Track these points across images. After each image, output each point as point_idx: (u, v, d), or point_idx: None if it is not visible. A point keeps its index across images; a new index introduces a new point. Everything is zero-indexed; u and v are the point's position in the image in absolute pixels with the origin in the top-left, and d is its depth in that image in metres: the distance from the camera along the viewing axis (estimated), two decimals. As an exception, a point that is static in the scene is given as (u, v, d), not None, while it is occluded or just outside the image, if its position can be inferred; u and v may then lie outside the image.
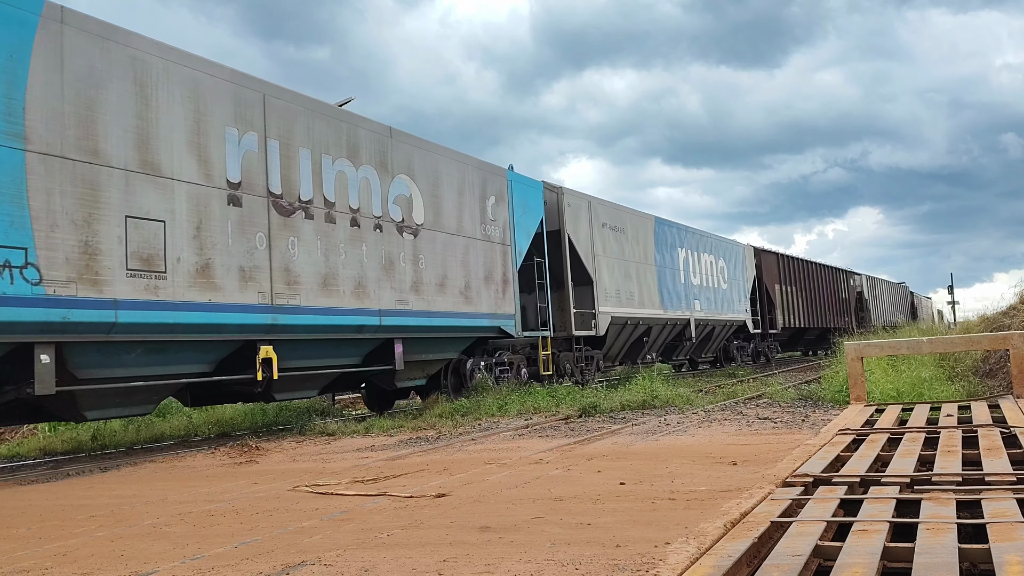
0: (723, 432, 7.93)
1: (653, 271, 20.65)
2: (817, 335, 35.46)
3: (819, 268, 34.50)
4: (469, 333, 13.83)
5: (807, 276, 32.55)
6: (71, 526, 5.01)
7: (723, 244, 26.25)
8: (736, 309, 25.81)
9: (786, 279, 30.17)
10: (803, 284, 31.72)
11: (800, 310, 31.11)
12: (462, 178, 13.98)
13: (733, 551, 2.94)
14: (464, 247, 13.74)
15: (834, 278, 36.14)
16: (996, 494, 3.71)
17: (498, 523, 4.23)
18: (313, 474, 6.79)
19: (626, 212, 20.22)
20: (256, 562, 3.71)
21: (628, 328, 19.19)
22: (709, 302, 23.88)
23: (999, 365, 10.78)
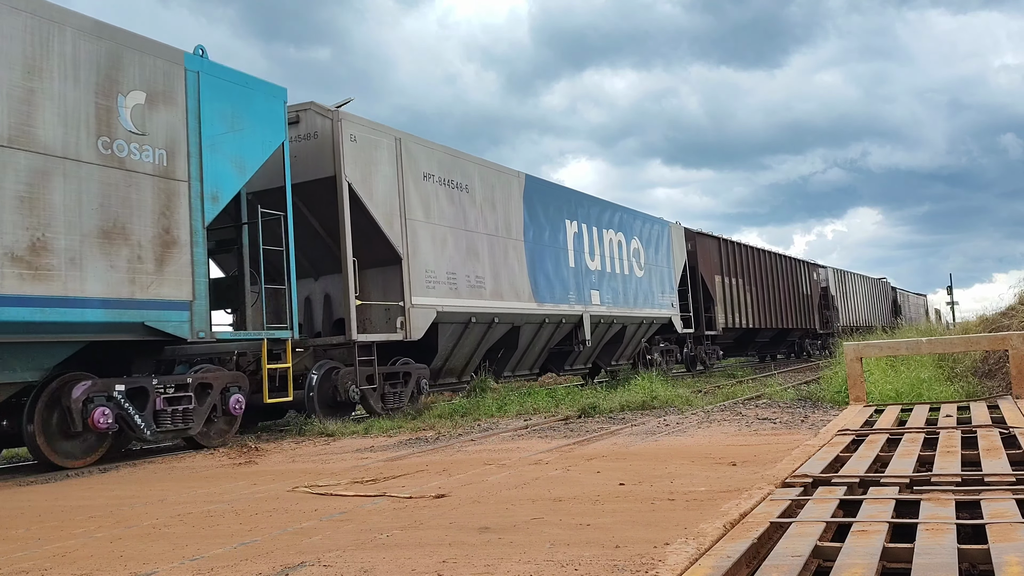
0: (722, 433, 7.94)
1: (520, 249, 15.16)
2: (772, 337, 30.88)
3: (773, 258, 29.70)
4: (61, 336, 8.04)
5: (758, 267, 27.73)
6: (70, 527, 5.01)
7: (638, 221, 20.64)
8: (657, 303, 20.89)
9: (730, 270, 25.22)
10: (753, 277, 26.96)
11: (748, 308, 26.23)
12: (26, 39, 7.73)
13: (732, 552, 2.94)
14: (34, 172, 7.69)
15: (793, 270, 31.44)
16: (995, 495, 3.71)
17: (497, 524, 4.23)
18: (312, 475, 6.79)
19: (472, 163, 14.36)
20: (255, 563, 3.71)
21: (475, 328, 13.79)
22: (615, 294, 18.77)
23: (998, 366, 10.79)
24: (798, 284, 31.89)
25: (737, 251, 26.59)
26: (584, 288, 17.44)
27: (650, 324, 20.69)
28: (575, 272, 17.20)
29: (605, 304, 18.23)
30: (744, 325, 25.86)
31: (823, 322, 34.69)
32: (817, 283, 34.79)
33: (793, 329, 31.10)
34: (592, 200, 18.74)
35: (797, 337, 33.19)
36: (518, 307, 14.92)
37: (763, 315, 27.52)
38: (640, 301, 20.06)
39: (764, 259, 28.71)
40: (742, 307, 25.77)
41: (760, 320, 27.21)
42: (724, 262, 25.10)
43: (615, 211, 19.70)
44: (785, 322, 29.66)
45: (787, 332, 31.24)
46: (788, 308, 30.25)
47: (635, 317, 19.63)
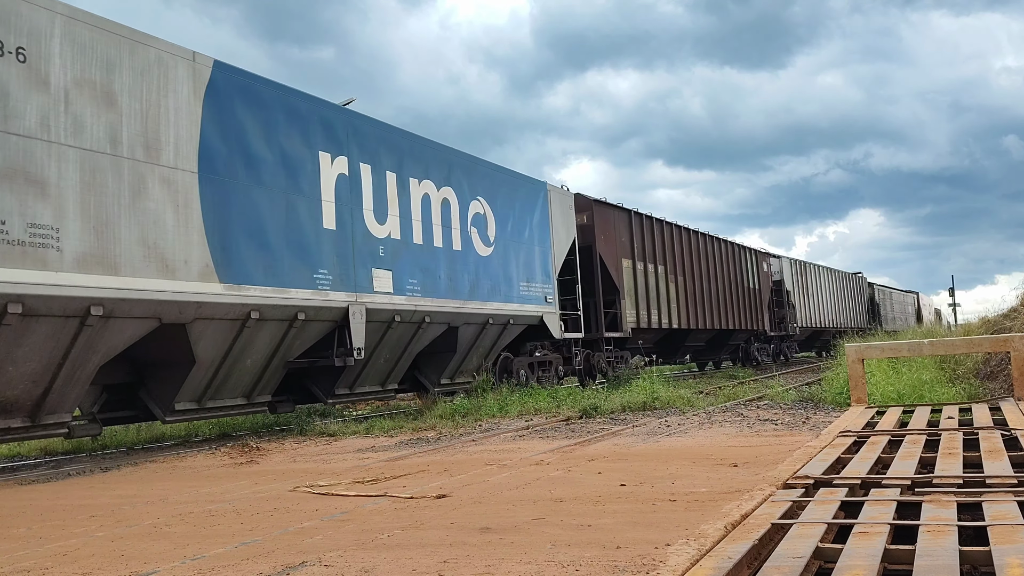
0: (724, 434, 7.93)
1: (190, 187, 9.02)
2: (709, 341, 24.86)
3: (709, 242, 23.73)
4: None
5: (688, 252, 22.26)
6: (71, 526, 5.01)
7: (487, 176, 14.50)
8: (520, 296, 14.96)
9: (646, 253, 19.96)
10: (680, 264, 21.60)
11: (674, 303, 20.90)
12: None
13: (734, 553, 2.94)
14: None
15: (735, 259, 25.61)
16: (997, 496, 3.71)
17: (498, 524, 4.23)
18: (314, 475, 6.79)
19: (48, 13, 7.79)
20: (256, 562, 3.71)
21: (47, 331, 7.70)
22: (430, 278, 12.64)
23: (1000, 367, 10.77)
24: (742, 276, 26.02)
25: (657, 230, 20.74)
26: (358, 266, 11.25)
27: (505, 325, 14.44)
28: (336, 239, 10.93)
29: (406, 292, 12.00)
30: (666, 325, 20.43)
31: (776, 323, 29.10)
32: (767, 275, 28.64)
33: (736, 331, 25.33)
34: (391, 133, 12.24)
35: (742, 341, 27.15)
36: (167, 289, 8.63)
37: (693, 313, 21.90)
38: (484, 291, 13.89)
39: (696, 243, 22.94)
40: (663, 302, 20.40)
41: (690, 319, 21.63)
42: (638, 243, 19.65)
43: (440, 156, 13.12)
44: (724, 322, 23.94)
45: (728, 335, 25.37)
46: (728, 305, 24.51)
47: (474, 314, 13.51)
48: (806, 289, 32.54)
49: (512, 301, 14.89)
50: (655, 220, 20.91)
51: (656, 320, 20.11)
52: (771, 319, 28.69)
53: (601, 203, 18.62)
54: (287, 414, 13.48)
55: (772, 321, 28.79)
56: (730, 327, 24.66)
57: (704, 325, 22.75)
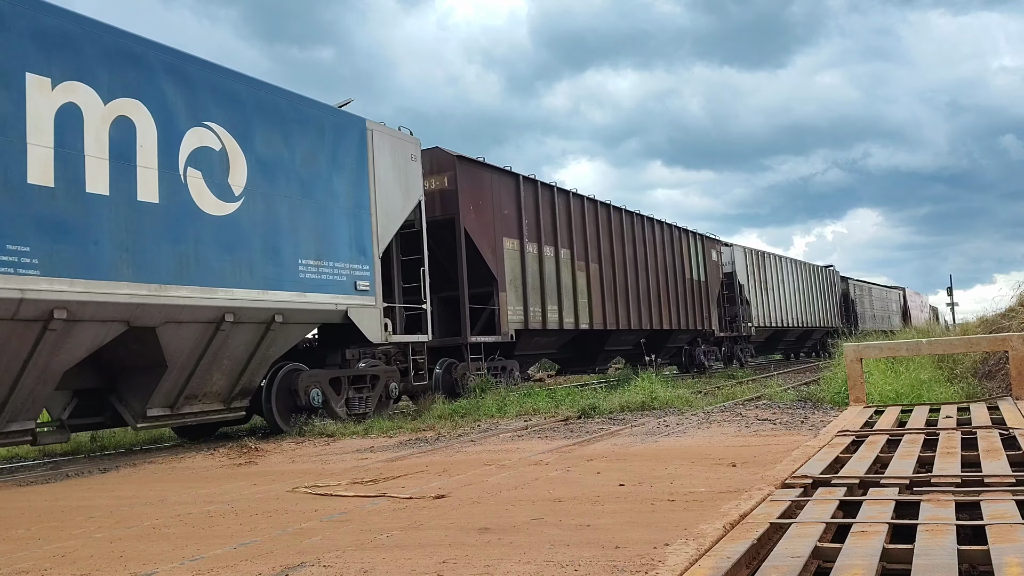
0: (722, 433, 7.94)
1: None
2: (641, 343, 20.55)
3: (638, 222, 19.89)
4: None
5: (608, 234, 18.40)
6: (70, 527, 5.01)
7: (236, 92, 9.86)
8: (302, 281, 10.44)
9: (543, 232, 15.89)
10: (596, 249, 17.88)
11: (589, 298, 17.22)
12: None
13: (732, 552, 2.95)
14: None
15: (673, 245, 21.68)
16: (995, 496, 3.72)
17: (497, 524, 4.23)
18: (312, 475, 6.79)
19: None
20: (255, 563, 3.71)
21: None
22: (72, 243, 7.91)
23: (998, 367, 10.78)
24: (683, 265, 22.19)
25: (561, 204, 16.69)
26: None
27: (267, 324, 9.85)
28: None
29: (31, 269, 7.55)
30: (574, 325, 16.57)
31: (726, 322, 25.27)
32: (716, 266, 24.65)
33: (676, 331, 21.56)
34: None
35: (684, 343, 23.22)
36: None
37: (615, 310, 18.26)
38: (216, 270, 9.31)
39: (620, 223, 18.93)
40: (569, 296, 16.52)
41: (608, 318, 17.96)
42: (530, 219, 15.65)
43: (124, 49, 8.63)
44: (659, 321, 20.33)
45: (665, 336, 21.50)
46: (665, 301, 20.74)
47: (188, 307, 8.95)
48: (765, 283, 28.17)
49: (283, 288, 10.10)
50: (557, 190, 16.36)
51: (557, 319, 15.84)
52: (721, 318, 24.64)
53: (471, 162, 14.04)
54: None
55: (722, 320, 24.79)
56: (668, 327, 20.64)
57: (631, 325, 18.71)
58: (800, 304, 32.17)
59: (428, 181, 13.98)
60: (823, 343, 35.31)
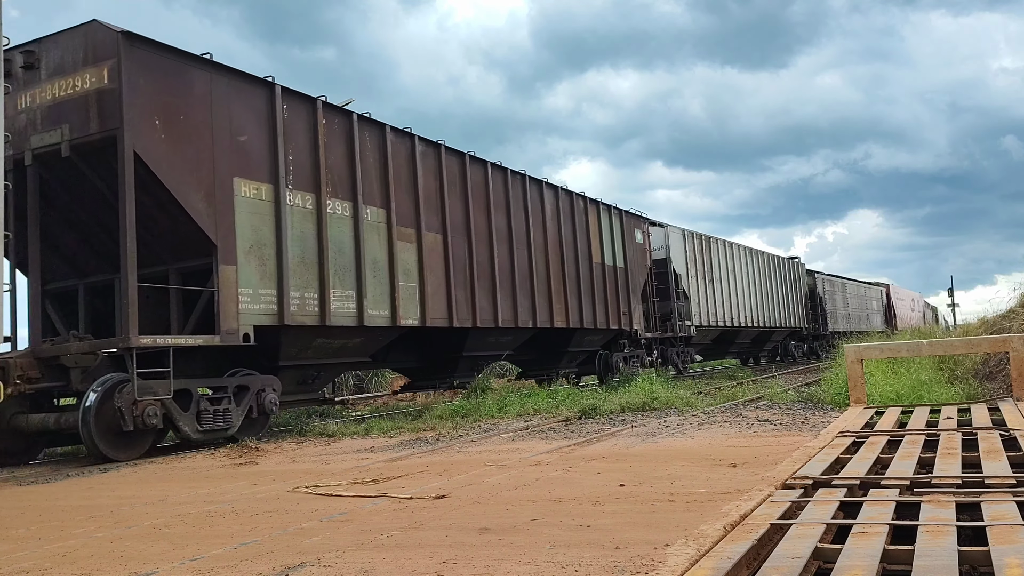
0: (723, 434, 7.93)
1: None
2: (527, 345, 16.18)
3: (507, 180, 15.02)
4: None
5: (457, 193, 13.74)
6: (71, 527, 5.01)
7: None
8: None
9: (322, 178, 11.03)
10: (437, 212, 13.21)
11: (415, 278, 12.50)
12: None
13: (733, 553, 2.95)
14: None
15: (573, 217, 17.14)
16: (996, 497, 3.72)
17: (498, 525, 4.23)
18: (313, 475, 6.79)
19: None
20: (255, 563, 3.71)
21: None
22: None
23: (999, 368, 10.79)
24: (587, 247, 17.59)
25: (368, 141, 11.88)
26: None
27: None
28: None
29: None
30: (388, 320, 11.77)
31: (655, 320, 20.44)
32: (643, 250, 20.12)
33: (581, 331, 16.96)
34: None
35: (598, 346, 18.52)
36: None
37: (471, 299, 13.55)
38: None
39: (480, 181, 14.24)
40: (381, 276, 11.72)
41: (462, 310, 13.28)
42: (300, 155, 10.80)
43: None
44: (552, 316, 15.69)
45: (561, 338, 16.84)
46: (560, 291, 16.12)
47: None
48: (710, 274, 23.61)
49: None
50: (361, 120, 11.62)
51: (354, 310, 11.14)
52: (649, 315, 19.91)
53: (156, 48, 9.21)
54: (286, 415, 13.47)
55: (650, 318, 19.97)
56: (564, 324, 16.09)
57: (500, 321, 14.07)
58: (756, 300, 27.19)
59: (72, 79, 9.23)
60: (785, 346, 31.80)
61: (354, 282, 11.45)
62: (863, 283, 43.23)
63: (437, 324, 13.05)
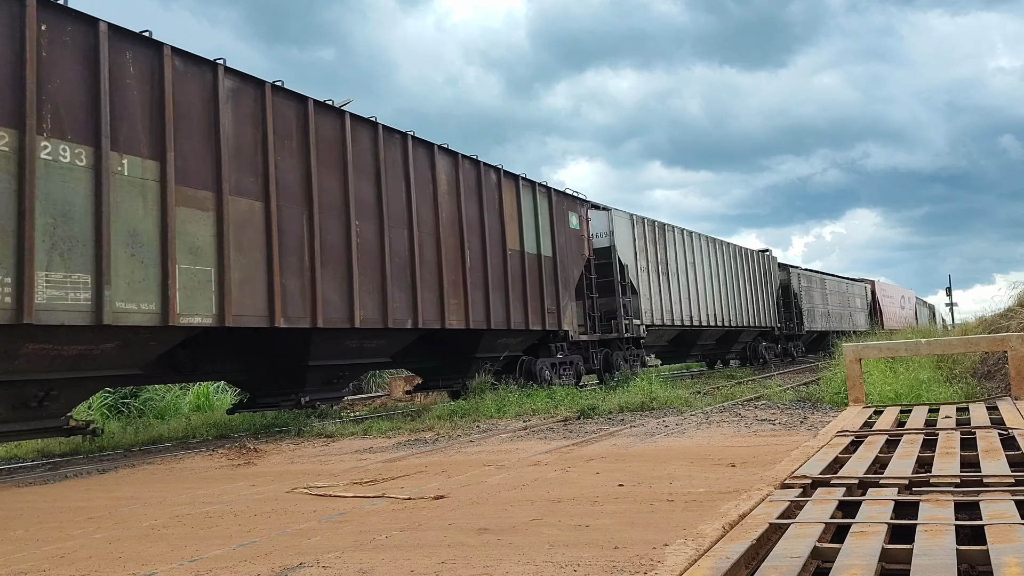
0: (721, 434, 7.94)
1: None
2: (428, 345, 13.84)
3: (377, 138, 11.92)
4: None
5: (292, 150, 10.49)
6: (69, 528, 5.00)
7: None
8: None
9: (29, 109, 7.56)
10: (256, 172, 9.92)
11: (212, 258, 9.18)
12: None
13: (731, 553, 2.94)
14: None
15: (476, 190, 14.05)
16: (994, 496, 3.72)
17: (496, 525, 4.22)
18: (311, 476, 6.78)
19: None
20: (254, 564, 3.71)
21: None
22: None
23: (997, 367, 10.79)
24: (500, 230, 14.54)
25: (119, 63, 8.51)
26: None
27: None
28: None
29: None
30: (157, 317, 8.56)
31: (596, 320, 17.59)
32: (580, 238, 17.45)
33: (492, 333, 14.20)
34: None
35: (518, 349, 15.66)
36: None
37: (312, 289, 10.47)
38: None
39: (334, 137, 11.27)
40: (148, 255, 8.59)
41: (286, 304, 10.10)
42: None
43: None
44: (444, 313, 12.78)
45: (473, 340, 14.17)
46: (457, 283, 13.27)
47: None
48: (665, 266, 21.04)
49: None
50: (112, 30, 8.49)
51: (89, 300, 8.01)
52: (586, 313, 17.42)
53: None
54: (285, 415, 13.47)
55: (588, 316, 17.44)
56: (457, 324, 13.05)
57: (351, 319, 10.96)
58: (721, 297, 24.36)
59: None
60: (755, 348, 28.51)
61: (91, 262, 8.08)
62: (845, 279, 40.40)
63: (248, 323, 9.50)
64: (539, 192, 16.18)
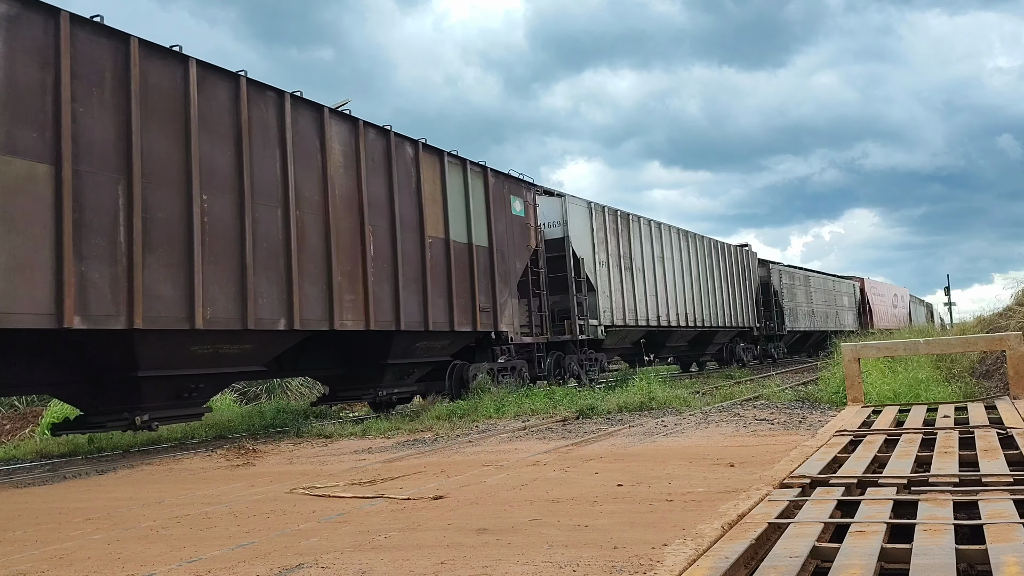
0: (720, 434, 7.94)
1: None
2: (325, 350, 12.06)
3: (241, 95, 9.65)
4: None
5: (112, 97, 8.35)
6: (68, 529, 5.00)
7: None
8: None
9: None
10: (45, 120, 7.75)
11: None
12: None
13: (731, 552, 2.94)
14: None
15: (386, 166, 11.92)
16: (993, 495, 3.72)
17: (495, 525, 4.22)
18: (310, 476, 6.78)
19: None
20: (253, 564, 3.71)
21: None
22: None
23: (996, 366, 10.81)
24: (419, 216, 12.52)
25: None
26: None
27: None
28: None
29: None
30: None
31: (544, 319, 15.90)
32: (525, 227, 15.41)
33: (397, 335, 12.08)
34: None
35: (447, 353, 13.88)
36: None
37: (130, 281, 8.31)
38: None
39: (174, 89, 9.06)
40: None
41: (96, 299, 8.07)
42: None
43: None
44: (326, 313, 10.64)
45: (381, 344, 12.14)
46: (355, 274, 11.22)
47: None
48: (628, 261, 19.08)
49: None
50: None
51: None
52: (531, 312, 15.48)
53: None
54: (284, 416, 13.48)
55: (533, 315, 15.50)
56: (353, 325, 11.06)
57: (191, 318, 8.94)
58: (694, 295, 22.57)
59: None
60: (732, 349, 26.73)
61: None
62: (831, 276, 38.42)
63: (20, 324, 7.61)
64: (472, 171, 14.03)
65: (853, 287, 40.83)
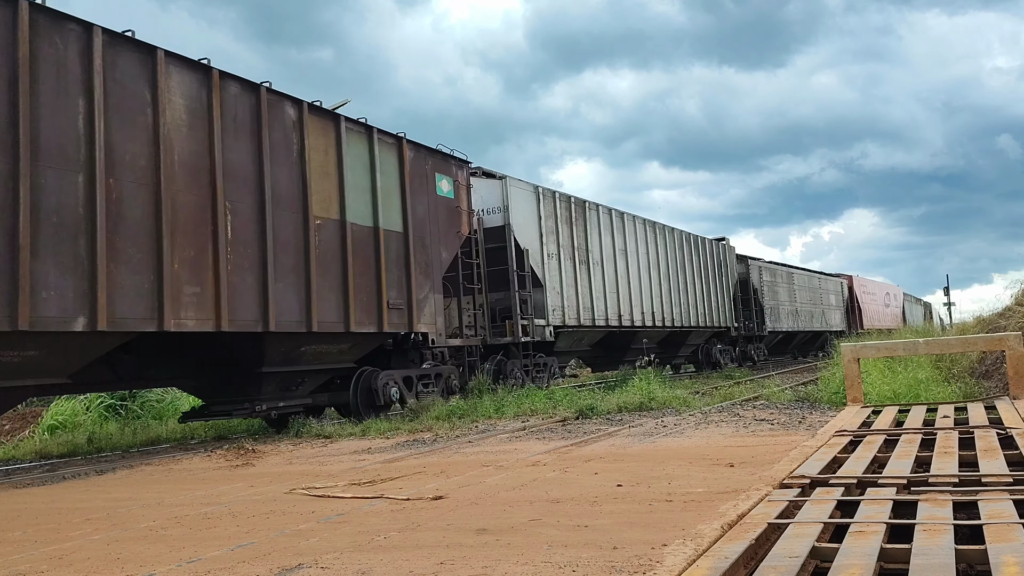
0: (720, 434, 7.94)
1: None
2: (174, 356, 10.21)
3: (66, 40, 7.60)
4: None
5: None
6: (67, 529, 5.00)
7: None
8: None
9: None
10: None
11: None
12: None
13: (730, 553, 2.94)
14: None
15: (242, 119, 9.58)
16: (993, 495, 3.72)
17: (495, 525, 4.22)
18: (310, 476, 6.78)
19: None
20: (252, 565, 3.71)
21: None
22: None
23: (995, 366, 10.81)
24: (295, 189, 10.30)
25: None
26: None
27: None
28: None
29: None
30: None
31: (481, 317, 14.55)
32: (455, 211, 13.50)
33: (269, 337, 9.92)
34: None
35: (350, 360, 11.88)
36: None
37: None
38: None
39: None
40: None
41: None
42: None
43: None
44: (154, 311, 8.44)
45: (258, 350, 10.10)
46: (196, 262, 8.93)
47: None
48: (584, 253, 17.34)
49: None
50: None
51: None
52: (461, 310, 14.39)
53: None
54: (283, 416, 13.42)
55: (463, 314, 14.35)
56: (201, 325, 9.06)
57: (16, 318, 7.22)
58: (664, 292, 20.78)
59: None
60: (708, 351, 24.88)
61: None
62: (817, 273, 36.21)
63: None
64: (381, 141, 11.82)
65: (840, 285, 38.83)
